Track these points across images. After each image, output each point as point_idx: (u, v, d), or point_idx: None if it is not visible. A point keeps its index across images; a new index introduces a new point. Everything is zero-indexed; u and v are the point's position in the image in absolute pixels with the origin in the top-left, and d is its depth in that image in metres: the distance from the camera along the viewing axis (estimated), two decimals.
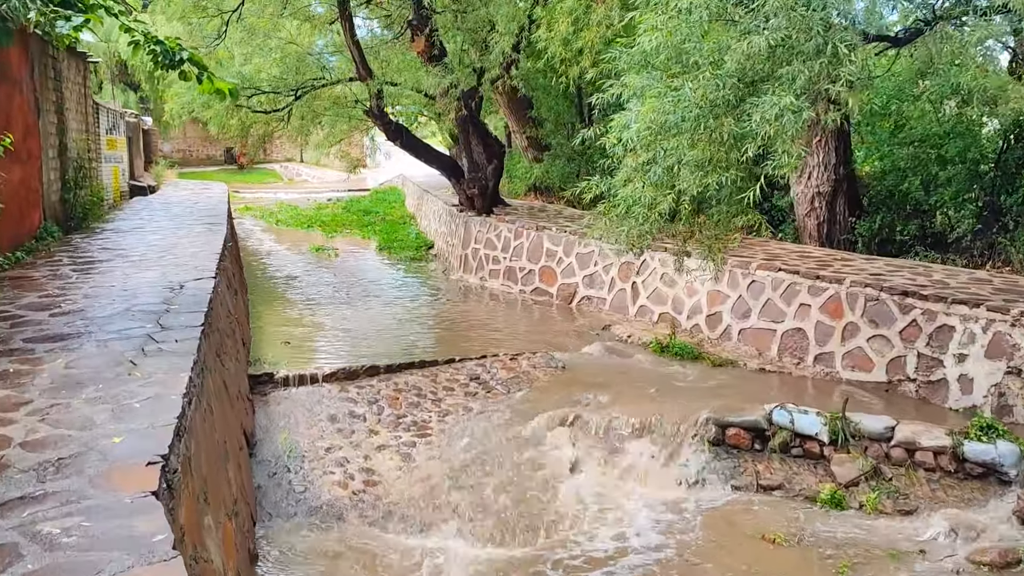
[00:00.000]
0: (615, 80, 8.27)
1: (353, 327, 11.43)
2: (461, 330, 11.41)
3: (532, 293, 13.43)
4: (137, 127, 21.42)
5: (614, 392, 8.48)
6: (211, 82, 6.09)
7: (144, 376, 4.57)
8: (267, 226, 25.32)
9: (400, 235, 21.66)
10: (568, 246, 12.86)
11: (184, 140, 50.23)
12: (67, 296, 6.68)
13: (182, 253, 9.10)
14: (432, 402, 8.53)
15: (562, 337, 10.86)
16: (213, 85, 6.12)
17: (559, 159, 18.96)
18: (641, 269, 11.43)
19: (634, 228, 7.42)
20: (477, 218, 15.22)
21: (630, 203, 7.17)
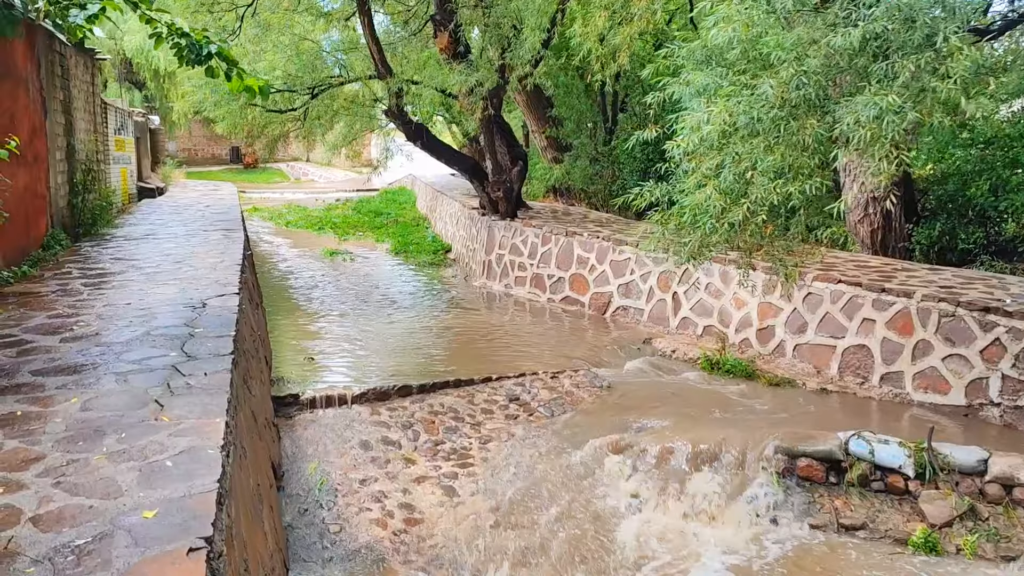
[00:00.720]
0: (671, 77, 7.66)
1: (377, 339, 10.79)
2: (491, 343, 10.76)
3: (562, 302, 12.78)
4: (145, 127, 20.80)
5: (667, 415, 7.85)
6: (241, 79, 5.45)
7: (173, 422, 3.93)
8: (276, 228, 24.70)
9: (415, 238, 21.03)
10: (601, 253, 12.21)
11: (190, 139, 49.74)
12: (79, 316, 6.04)
13: (200, 264, 8.46)
14: (471, 426, 7.88)
15: (600, 351, 10.21)
16: (243, 82, 5.47)
17: (581, 160, 18.30)
18: (683, 279, 10.78)
19: (699, 239, 6.78)
20: (501, 222, 14.57)
21: (697, 212, 6.51)
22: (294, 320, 11.57)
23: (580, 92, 18.30)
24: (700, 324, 10.43)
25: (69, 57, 10.76)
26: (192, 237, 10.63)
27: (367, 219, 26.15)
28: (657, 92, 7.47)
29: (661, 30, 13.80)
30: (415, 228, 23.61)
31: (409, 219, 25.92)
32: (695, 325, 10.51)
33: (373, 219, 26.19)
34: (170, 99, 36.63)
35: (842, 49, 5.62)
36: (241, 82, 5.49)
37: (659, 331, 10.87)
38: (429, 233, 21.74)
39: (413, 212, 27.89)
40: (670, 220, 7.21)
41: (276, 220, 26.23)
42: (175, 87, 35.23)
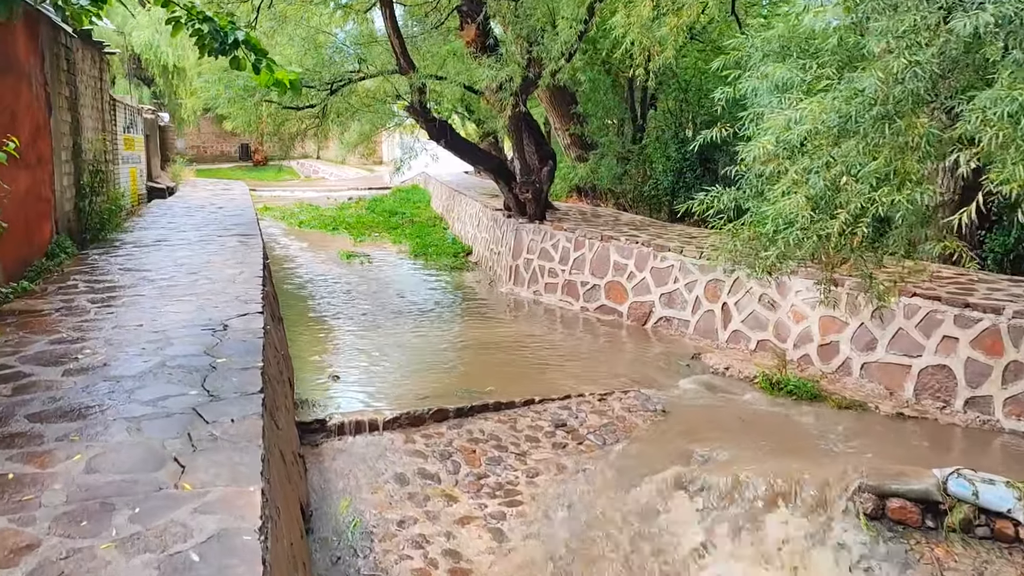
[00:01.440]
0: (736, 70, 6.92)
1: (404, 353, 10.06)
2: (526, 357, 10.02)
3: (597, 311, 12.03)
4: (154, 124, 20.11)
5: (731, 443, 7.09)
6: (270, 71, 4.71)
7: (197, 489, 3.21)
8: (289, 228, 24.02)
9: (433, 239, 20.30)
10: (641, 259, 11.45)
11: (198, 136, 49.17)
12: (85, 341, 5.33)
13: (217, 276, 7.74)
14: (516, 457, 7.14)
15: (646, 368, 9.47)
16: (272, 75, 4.74)
17: (607, 158, 17.53)
18: (734, 289, 10.02)
19: (780, 253, 6.03)
20: (529, 225, 13.82)
21: (781, 223, 5.76)
22: (314, 332, 10.84)
23: (607, 88, 17.54)
24: (753, 338, 9.67)
25: (75, 50, 10.05)
26: (207, 243, 9.91)
27: (382, 219, 25.46)
28: (726, 88, 6.71)
29: (713, 20, 13.02)
30: (432, 229, 22.90)
31: (425, 219, 25.22)
32: (747, 339, 9.75)
33: (388, 219, 25.50)
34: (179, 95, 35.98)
35: (962, 36, 4.85)
36: (270, 75, 4.75)
37: (707, 345, 10.11)
38: (448, 234, 21.01)
39: (428, 212, 27.22)
40: (742, 230, 6.47)
41: (288, 220, 25.55)
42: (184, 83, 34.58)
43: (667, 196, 14.95)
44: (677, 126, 14.48)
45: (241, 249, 9.35)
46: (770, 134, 5.59)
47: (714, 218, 7.00)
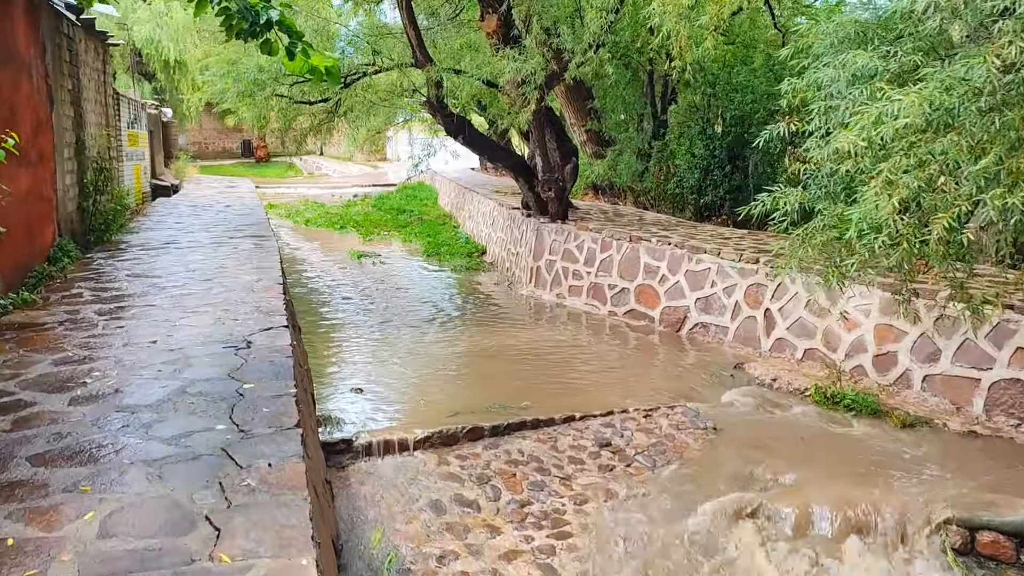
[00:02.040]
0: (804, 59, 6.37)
1: (427, 362, 9.49)
2: (556, 366, 9.45)
3: (626, 316, 11.45)
4: (158, 119, 19.55)
5: (793, 465, 6.53)
6: (306, 56, 4.12)
7: (238, 562, 2.63)
8: (295, 227, 23.44)
9: (445, 238, 19.73)
10: (674, 262, 10.87)
11: (200, 132, 48.62)
12: (93, 362, 4.75)
13: (233, 283, 7.15)
14: (560, 481, 6.56)
15: (686, 378, 8.89)
16: (308, 62, 4.15)
17: (626, 155, 16.94)
18: (777, 294, 9.44)
19: (862, 260, 5.46)
20: (551, 225, 13.24)
21: (865, 228, 5.19)
22: (330, 339, 10.25)
23: (626, 82, 16.94)
24: (799, 347, 9.09)
25: (78, 41, 9.46)
26: (219, 246, 9.33)
27: (390, 217, 24.90)
28: (794, 79, 6.13)
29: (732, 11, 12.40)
30: (442, 227, 22.34)
31: (433, 217, 24.65)
32: (793, 348, 9.17)
33: (396, 217, 24.94)
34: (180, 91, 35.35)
35: None
36: (305, 61, 4.16)
37: (749, 354, 9.53)
38: (460, 233, 20.43)
39: (436, 209, 26.67)
40: (814, 235, 5.89)
41: (294, 218, 24.97)
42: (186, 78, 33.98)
43: (692, 194, 14.35)
44: (704, 121, 13.87)
45: (256, 253, 8.77)
46: (857, 129, 4.99)
47: (776, 221, 6.43)
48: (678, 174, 14.90)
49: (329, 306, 12.32)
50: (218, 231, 10.70)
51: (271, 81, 12.18)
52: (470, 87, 13.25)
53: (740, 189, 13.57)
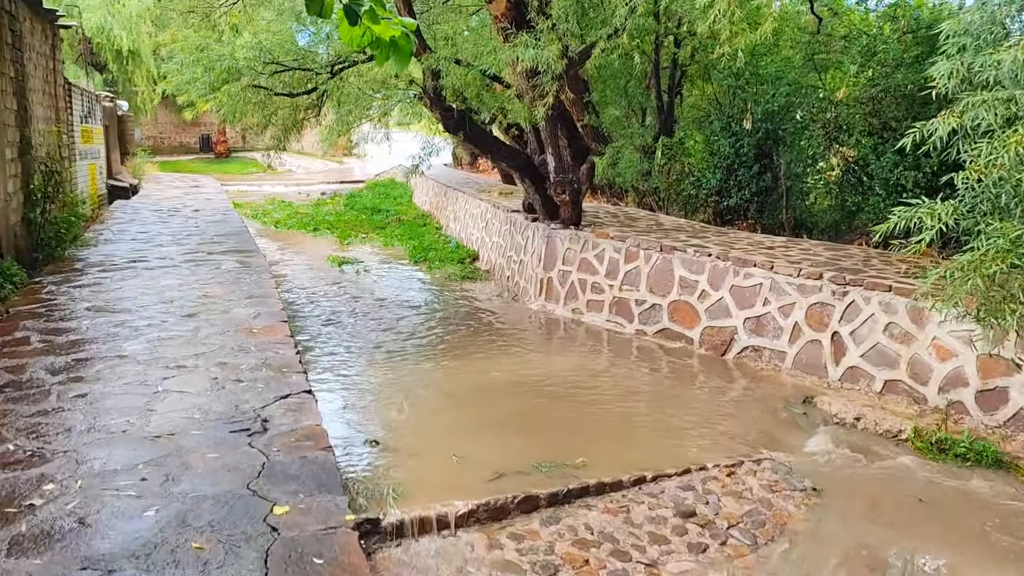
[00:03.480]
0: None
1: (446, 401, 8.09)
2: (593, 403, 8.11)
3: (658, 336, 10.16)
4: (113, 113, 17.80)
5: (931, 542, 5.30)
6: (374, 24, 2.72)
7: None
8: (264, 229, 21.71)
9: (429, 242, 18.29)
10: (716, 275, 9.60)
11: (155, 126, 46.46)
12: (44, 463, 3.30)
13: (224, 321, 5.70)
14: (645, 569, 5.23)
15: (750, 416, 7.62)
16: (373, 33, 2.74)
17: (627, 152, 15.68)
18: (848, 315, 8.21)
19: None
20: (564, 231, 11.89)
21: None
22: (325, 371, 8.78)
23: (629, 75, 15.68)
24: (878, 377, 7.87)
25: (22, 20, 7.88)
26: (197, 265, 7.83)
27: (365, 217, 23.43)
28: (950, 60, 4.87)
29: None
30: (423, 229, 20.91)
31: (412, 217, 23.22)
32: (870, 378, 7.95)
33: (371, 217, 23.47)
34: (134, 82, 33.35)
35: None
36: (368, 29, 2.76)
37: (815, 385, 8.29)
38: (447, 237, 19.01)
39: (413, 209, 25.27)
40: (988, 263, 4.63)
41: (261, 218, 23.25)
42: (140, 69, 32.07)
43: (713, 196, 13.11)
44: (727, 116, 12.62)
45: (244, 275, 7.31)
46: None
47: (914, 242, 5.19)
48: (694, 173, 13.65)
49: (317, 327, 10.80)
50: (191, 243, 9.18)
51: (248, 70, 10.66)
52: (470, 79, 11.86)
53: (769, 191, 12.36)
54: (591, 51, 10.42)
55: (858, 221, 11.42)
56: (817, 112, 10.86)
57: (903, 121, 9.79)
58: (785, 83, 11.62)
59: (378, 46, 2.93)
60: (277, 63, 11.02)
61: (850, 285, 8.29)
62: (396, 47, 2.97)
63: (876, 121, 10.09)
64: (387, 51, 2.93)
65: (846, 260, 9.41)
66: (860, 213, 11.49)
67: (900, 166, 9.75)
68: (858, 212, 11.45)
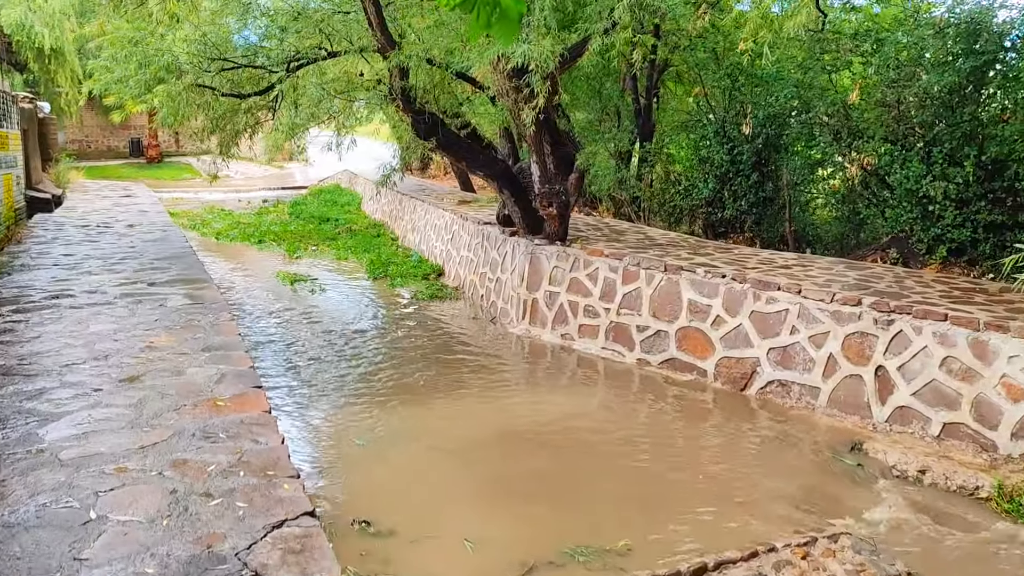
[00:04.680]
0: None
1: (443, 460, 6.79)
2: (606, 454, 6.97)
3: (664, 366, 9.07)
4: (33, 115, 16.02)
5: None
6: None
7: None
8: (204, 241, 20.04)
9: (387, 255, 16.95)
10: (733, 299, 8.55)
11: (81, 129, 43.90)
12: None
13: (177, 388, 4.38)
14: None
15: (794, 468, 6.59)
16: None
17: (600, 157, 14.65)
18: (894, 346, 7.23)
19: None
20: (550, 248, 10.73)
21: None
22: (297, 422, 7.43)
23: (603, 74, 14.64)
24: (934, 419, 6.90)
25: None
26: (136, 301, 6.43)
27: (312, 227, 21.98)
28: None
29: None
30: (378, 240, 19.56)
31: (363, 227, 21.83)
32: (924, 421, 6.97)
33: (319, 227, 22.05)
34: (57, 82, 31.20)
35: None
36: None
37: (857, 427, 7.29)
38: (407, 250, 17.70)
39: (363, 217, 23.92)
40: None
41: (200, 229, 21.56)
42: (63, 68, 29.97)
43: (705, 207, 12.09)
44: (723, 121, 11.62)
45: (197, 315, 5.94)
46: None
47: None
48: (682, 182, 12.63)
49: (272, 360, 9.41)
50: (127, 270, 7.74)
51: (192, 67, 9.24)
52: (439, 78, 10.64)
53: (769, 202, 11.39)
54: (585, 47, 9.30)
55: (867, 234, 10.52)
56: (828, 116, 9.90)
57: (932, 127, 8.88)
58: (789, 84, 10.64)
59: (472, 6, 1.71)
60: (225, 59, 9.62)
61: (895, 313, 7.30)
62: (500, 10, 1.75)
63: (900, 126, 9.16)
64: (488, 13, 1.71)
65: (877, 281, 8.45)
66: (867, 225, 10.60)
67: (928, 175, 8.83)
68: (865, 224, 10.56)
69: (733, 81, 11.44)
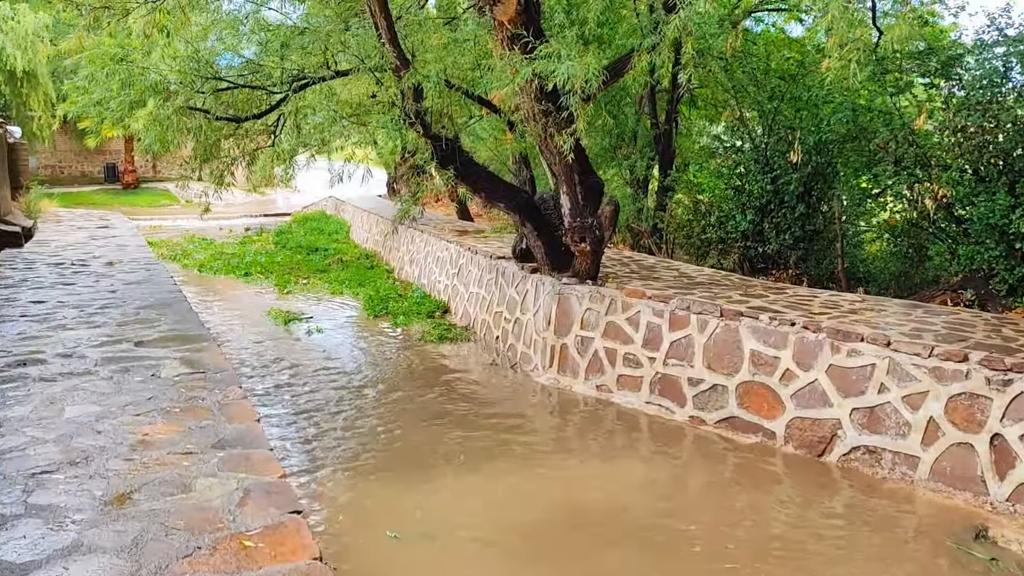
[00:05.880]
0: None
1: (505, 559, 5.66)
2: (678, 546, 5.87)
3: (722, 426, 8.00)
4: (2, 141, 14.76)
5: None
6: None
7: None
8: (186, 273, 18.76)
9: (384, 289, 15.82)
10: (805, 350, 7.49)
11: (54, 154, 42.42)
12: None
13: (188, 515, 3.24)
14: None
15: (905, 559, 5.52)
16: None
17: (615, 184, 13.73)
18: (1013, 411, 6.20)
19: None
20: (581, 288, 9.67)
21: None
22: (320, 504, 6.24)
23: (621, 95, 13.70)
24: None
25: None
26: (122, 369, 5.25)
27: (301, 257, 20.81)
28: None
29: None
30: (372, 272, 18.45)
31: (355, 257, 20.70)
32: None
33: (307, 257, 20.89)
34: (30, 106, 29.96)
35: None
36: None
37: (969, 505, 6.24)
38: (406, 283, 16.58)
39: (352, 247, 22.81)
40: None
41: (182, 261, 20.30)
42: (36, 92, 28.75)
43: (742, 241, 11.08)
44: (764, 148, 10.64)
45: (199, 390, 4.79)
46: None
47: None
48: (714, 213, 11.63)
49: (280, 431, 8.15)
50: (109, 323, 6.57)
51: (183, 87, 8.12)
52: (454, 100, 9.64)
53: (816, 236, 10.39)
54: (627, 65, 8.33)
55: (932, 272, 9.54)
56: (893, 143, 8.92)
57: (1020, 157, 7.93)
58: (845, 107, 9.66)
59: None
60: (219, 78, 8.50)
61: (1013, 371, 6.28)
62: None
63: (982, 155, 8.20)
64: None
65: (970, 330, 7.44)
66: (928, 263, 9.63)
67: (1018, 209, 7.86)
68: (927, 261, 9.59)
69: (773, 103, 10.47)
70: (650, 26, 8.54)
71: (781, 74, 10.65)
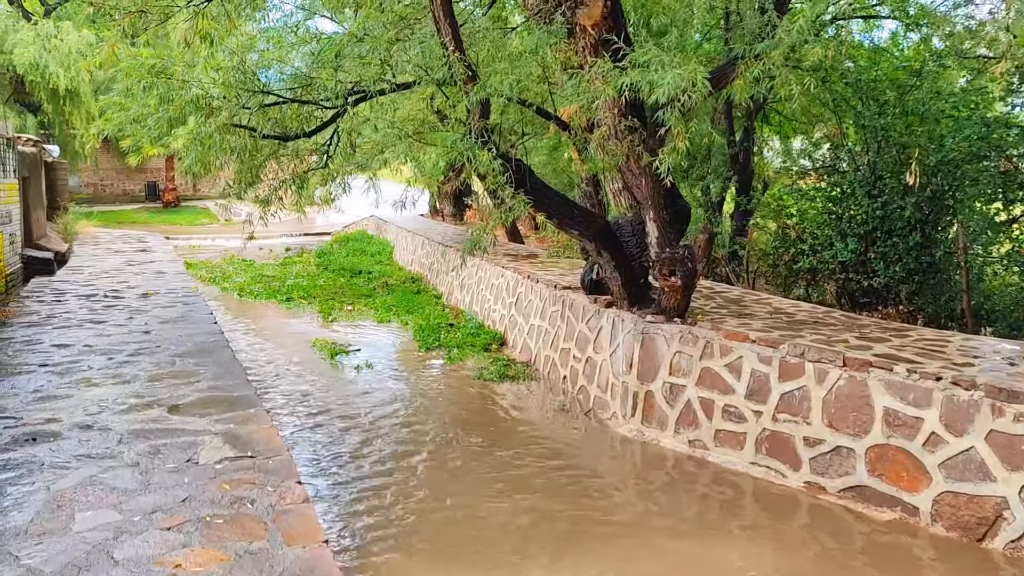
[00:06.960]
0: None
1: None
2: None
3: (848, 496, 6.80)
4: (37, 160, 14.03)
5: None
6: None
7: None
8: (225, 297, 17.96)
9: (436, 318, 14.77)
10: (956, 411, 6.28)
11: (96, 172, 42.36)
12: None
13: None
14: None
15: None
16: None
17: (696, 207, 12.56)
18: None
19: None
20: (668, 327, 8.54)
21: None
22: None
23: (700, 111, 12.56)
24: None
25: None
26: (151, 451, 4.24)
27: (344, 281, 19.89)
28: None
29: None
30: (419, 298, 17.46)
31: (399, 280, 19.71)
32: None
33: (351, 280, 19.96)
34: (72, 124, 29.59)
35: None
36: None
37: None
38: (458, 311, 15.54)
39: (396, 269, 21.90)
40: None
41: (221, 284, 19.52)
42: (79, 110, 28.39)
43: (842, 272, 9.87)
44: (871, 169, 9.44)
45: (247, 483, 3.75)
46: None
47: None
48: (809, 241, 10.43)
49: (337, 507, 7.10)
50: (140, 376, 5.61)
51: (227, 102, 7.16)
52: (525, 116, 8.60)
53: (933, 268, 9.16)
54: (733, 73, 7.22)
55: None
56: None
57: None
58: (974, 122, 8.43)
59: None
60: (268, 92, 7.54)
61: None
62: None
63: None
64: None
65: None
66: None
67: None
68: None
69: (884, 120, 9.27)
70: (755, 30, 7.43)
71: (891, 85, 9.45)
